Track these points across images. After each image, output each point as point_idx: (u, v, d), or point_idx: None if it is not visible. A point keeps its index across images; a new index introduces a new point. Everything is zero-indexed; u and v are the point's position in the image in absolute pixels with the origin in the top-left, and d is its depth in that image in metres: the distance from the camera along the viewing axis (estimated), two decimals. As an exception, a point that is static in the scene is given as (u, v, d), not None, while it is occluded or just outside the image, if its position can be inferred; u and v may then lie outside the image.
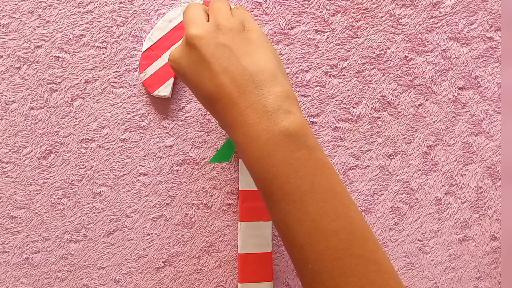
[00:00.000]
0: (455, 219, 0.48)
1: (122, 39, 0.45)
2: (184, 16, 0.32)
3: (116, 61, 0.45)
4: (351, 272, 0.27)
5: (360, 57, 0.47)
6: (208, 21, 0.31)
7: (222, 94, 0.29)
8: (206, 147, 0.46)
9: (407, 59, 0.47)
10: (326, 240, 0.27)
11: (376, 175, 0.48)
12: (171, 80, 0.44)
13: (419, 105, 0.47)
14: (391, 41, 0.47)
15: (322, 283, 0.27)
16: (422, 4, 0.47)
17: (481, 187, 0.48)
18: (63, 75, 0.45)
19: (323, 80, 0.47)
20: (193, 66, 0.30)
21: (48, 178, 0.45)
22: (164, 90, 0.44)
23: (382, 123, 0.47)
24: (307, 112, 0.46)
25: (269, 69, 0.30)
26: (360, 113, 0.47)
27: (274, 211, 0.29)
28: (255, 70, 0.29)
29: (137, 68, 0.45)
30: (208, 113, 0.46)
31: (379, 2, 0.46)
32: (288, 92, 0.29)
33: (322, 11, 0.46)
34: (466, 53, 0.47)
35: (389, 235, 0.48)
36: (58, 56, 0.45)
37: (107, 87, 0.45)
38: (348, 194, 0.29)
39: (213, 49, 0.30)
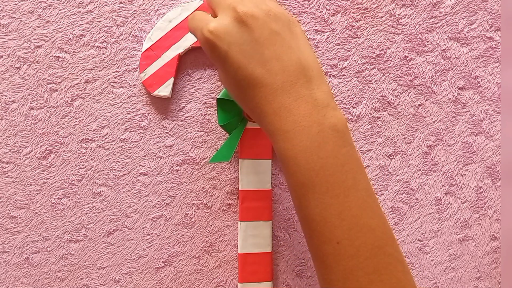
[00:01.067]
0: (455, 219, 0.48)
1: (122, 39, 0.45)
2: None
3: (116, 61, 0.45)
4: (384, 270, 0.27)
5: (360, 57, 0.47)
6: None
7: (271, 80, 0.29)
8: (206, 147, 0.46)
9: (407, 59, 0.47)
10: (364, 236, 0.27)
11: (376, 175, 0.48)
12: (171, 80, 0.44)
13: (419, 105, 0.47)
14: (391, 41, 0.47)
15: (354, 280, 0.27)
16: (422, 4, 0.47)
17: (481, 187, 0.48)
18: (63, 75, 0.45)
19: (323, 80, 0.47)
20: (243, 46, 0.29)
21: (48, 178, 0.45)
22: (164, 90, 0.44)
23: (382, 123, 0.47)
24: (307, 112, 0.46)
25: (317, 67, 0.30)
26: (360, 113, 0.47)
27: (312, 204, 0.28)
28: (306, 65, 0.29)
29: (137, 68, 0.45)
30: (208, 113, 0.46)
31: (379, 2, 0.46)
32: (331, 93, 0.30)
33: (322, 11, 0.46)
34: (466, 53, 0.47)
35: (389, 235, 0.48)
36: (58, 56, 0.45)
37: (107, 87, 0.45)
38: (377, 197, 0.30)
39: (267, 33, 0.29)
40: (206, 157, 0.46)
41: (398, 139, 0.47)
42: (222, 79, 0.31)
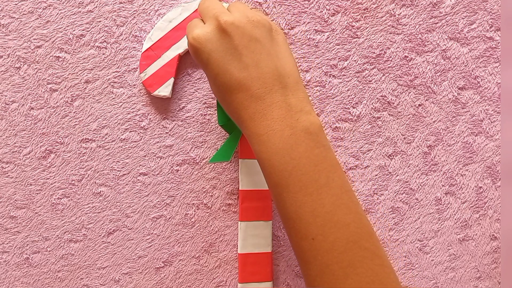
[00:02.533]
0: (455, 219, 0.48)
1: (122, 39, 0.45)
2: (205, 5, 0.33)
3: (116, 61, 0.45)
4: (359, 263, 0.28)
5: (360, 57, 0.47)
6: None
7: (248, 86, 0.30)
8: (206, 147, 0.46)
9: (407, 59, 0.47)
10: (338, 232, 0.28)
11: (376, 175, 0.48)
12: (171, 80, 0.44)
13: (419, 105, 0.47)
14: (391, 41, 0.47)
15: (331, 274, 0.28)
16: (422, 4, 0.47)
17: (481, 187, 0.48)
18: (63, 75, 0.45)
19: (323, 80, 0.47)
20: (222, 53, 0.30)
21: (48, 178, 0.45)
22: (164, 90, 0.44)
23: (382, 123, 0.47)
24: (307, 112, 0.46)
25: (294, 75, 0.32)
26: (360, 113, 0.47)
27: (287, 203, 0.30)
28: (283, 73, 0.31)
29: (137, 68, 0.45)
30: (208, 113, 0.46)
31: (379, 2, 0.46)
32: (308, 98, 0.32)
33: (322, 11, 0.46)
34: (466, 53, 0.47)
35: (389, 235, 0.48)
36: (58, 56, 0.45)
37: (107, 87, 0.45)
38: (355, 194, 0.31)
39: (247, 41, 0.30)
40: (206, 157, 0.46)
41: (398, 139, 0.47)
42: (210, 85, 0.33)
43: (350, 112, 0.47)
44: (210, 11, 0.32)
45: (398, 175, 0.48)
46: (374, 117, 0.47)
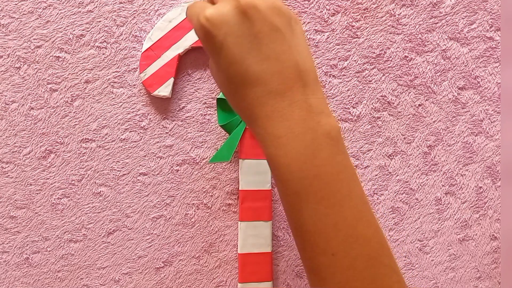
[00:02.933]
0: (455, 219, 0.48)
1: (122, 39, 0.45)
2: None
3: (116, 61, 0.45)
4: (380, 281, 0.26)
5: (360, 57, 0.47)
6: None
7: (266, 81, 0.27)
8: (206, 147, 0.46)
9: (407, 59, 0.47)
10: (360, 247, 0.26)
11: (376, 175, 0.48)
12: (171, 80, 0.44)
13: (419, 105, 0.47)
14: (391, 41, 0.47)
15: None
16: (422, 4, 0.47)
17: (481, 187, 0.48)
18: (63, 75, 0.45)
19: (323, 80, 0.47)
20: (240, 38, 0.26)
21: (48, 178, 0.45)
22: (164, 90, 0.44)
23: (382, 123, 0.47)
24: (307, 112, 0.46)
25: (314, 71, 0.29)
26: (360, 113, 0.47)
27: (306, 215, 0.27)
28: (303, 69, 0.28)
29: (137, 68, 0.45)
30: (208, 113, 0.46)
31: (379, 2, 0.46)
32: (326, 100, 0.29)
33: (322, 11, 0.46)
34: (466, 53, 0.47)
35: (389, 235, 0.48)
36: (58, 56, 0.45)
37: (107, 87, 0.45)
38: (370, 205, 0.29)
39: (268, 28, 0.27)
40: (206, 157, 0.46)
41: (398, 139, 0.47)
42: (214, 72, 0.29)
43: (350, 112, 0.47)
44: None
45: (398, 175, 0.48)
46: (374, 117, 0.47)
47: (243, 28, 0.26)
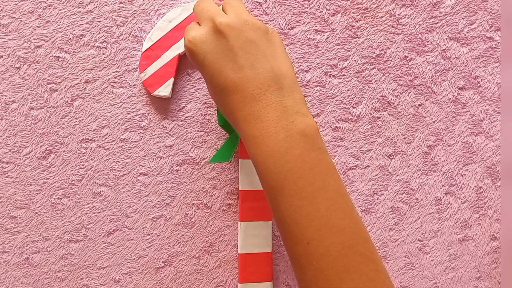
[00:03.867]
0: (455, 219, 0.48)
1: (122, 39, 0.45)
2: (200, 7, 0.33)
3: (116, 61, 0.45)
4: (354, 269, 0.27)
5: (360, 57, 0.47)
6: None
7: (243, 87, 0.30)
8: (206, 147, 0.46)
9: (407, 59, 0.47)
10: (333, 236, 0.28)
11: (376, 175, 0.48)
12: (171, 80, 0.44)
13: (419, 105, 0.47)
14: (391, 41, 0.47)
15: (325, 279, 0.28)
16: (422, 4, 0.47)
17: (481, 187, 0.48)
18: (63, 75, 0.45)
19: (323, 80, 0.47)
20: (217, 54, 0.30)
21: (48, 178, 0.45)
22: (164, 90, 0.44)
23: (382, 123, 0.47)
24: (307, 112, 0.46)
25: (290, 75, 0.31)
26: (360, 113, 0.47)
27: (282, 207, 0.29)
28: (278, 73, 0.31)
29: (137, 68, 0.45)
30: (208, 113, 0.46)
31: (379, 2, 0.46)
32: (304, 100, 0.31)
33: (322, 11, 0.46)
34: (466, 53, 0.47)
35: (389, 235, 0.48)
36: (58, 56, 0.45)
37: (107, 87, 0.45)
38: (350, 198, 0.31)
39: (242, 42, 0.30)
40: (206, 157, 0.46)
41: (398, 139, 0.47)
42: (205, 80, 0.33)
43: (350, 112, 0.47)
44: (205, 12, 0.32)
45: (398, 175, 0.48)
46: (374, 117, 0.47)
47: (219, 45, 0.30)
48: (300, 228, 0.28)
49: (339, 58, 0.47)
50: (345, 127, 0.47)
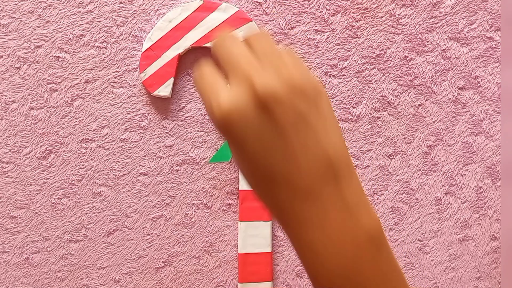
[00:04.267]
0: (455, 219, 0.48)
1: (122, 39, 0.45)
2: (228, 51, 0.25)
3: (116, 61, 0.45)
4: None
5: (360, 57, 0.47)
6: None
7: (295, 181, 0.23)
8: (206, 147, 0.46)
9: (407, 59, 0.47)
10: None
11: (376, 175, 0.48)
12: (171, 80, 0.44)
13: (419, 105, 0.47)
14: (391, 41, 0.47)
15: None
16: (422, 4, 0.47)
17: (481, 187, 0.48)
18: (63, 75, 0.45)
19: (323, 80, 0.47)
20: (262, 135, 0.23)
21: (48, 178, 0.45)
22: (164, 90, 0.44)
23: (382, 123, 0.47)
24: (307, 112, 0.46)
25: (345, 156, 0.25)
26: (360, 113, 0.47)
27: None
28: (334, 158, 0.24)
29: (137, 68, 0.45)
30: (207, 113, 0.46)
31: (379, 2, 0.46)
32: (361, 186, 0.25)
33: (322, 11, 0.46)
34: (466, 53, 0.47)
35: (389, 235, 0.48)
36: (58, 56, 0.45)
37: (107, 87, 0.45)
38: None
39: (292, 119, 0.23)
40: (206, 157, 0.46)
41: (398, 139, 0.47)
42: (238, 164, 0.26)
43: (350, 112, 0.47)
44: (239, 66, 0.24)
45: (398, 175, 0.48)
46: (374, 117, 0.47)
47: (264, 123, 0.23)
48: None
49: (339, 58, 0.46)
50: (345, 127, 0.47)
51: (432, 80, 0.47)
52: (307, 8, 0.46)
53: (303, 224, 0.24)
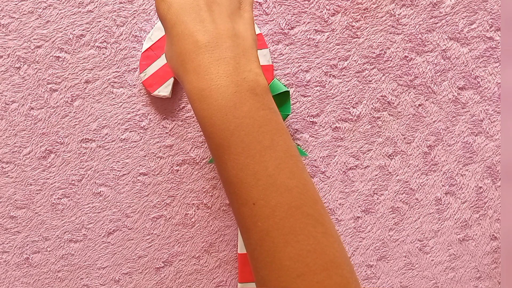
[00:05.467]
0: (455, 219, 0.48)
1: (122, 39, 0.45)
2: None
3: (116, 61, 0.45)
4: (301, 230, 0.27)
5: (360, 57, 0.47)
6: None
7: (199, 38, 0.29)
8: (206, 147, 0.46)
9: (407, 59, 0.47)
10: (280, 196, 0.27)
11: (376, 175, 0.48)
12: (171, 80, 0.44)
13: (419, 105, 0.47)
14: (391, 41, 0.47)
15: (270, 241, 0.27)
16: (422, 4, 0.47)
17: (481, 187, 0.48)
18: (63, 75, 0.45)
19: (323, 80, 0.47)
20: (183, 5, 0.30)
21: (48, 178, 0.45)
22: (164, 90, 0.44)
23: (382, 123, 0.47)
24: (307, 112, 0.46)
25: (250, 41, 0.31)
26: (360, 113, 0.47)
27: (229, 166, 0.28)
28: (238, 34, 0.30)
29: (137, 68, 0.45)
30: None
31: (379, 2, 0.46)
32: (259, 63, 0.31)
33: (322, 11, 0.46)
34: (466, 53, 0.47)
35: (389, 235, 0.48)
36: (58, 56, 0.45)
37: (107, 87, 0.45)
38: (302, 160, 0.30)
39: (211, 1, 0.30)
40: (206, 157, 0.46)
41: (398, 139, 0.48)
42: (166, 42, 0.32)
43: (350, 112, 0.47)
44: None
45: (398, 175, 0.48)
46: (374, 117, 0.47)
47: (189, 2, 0.30)
48: (246, 188, 0.28)
49: (339, 58, 0.47)
50: (345, 127, 0.47)
51: (432, 80, 0.47)
52: (307, 8, 0.46)
53: (197, 71, 0.29)
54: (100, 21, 0.45)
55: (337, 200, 0.47)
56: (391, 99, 0.47)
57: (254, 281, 0.28)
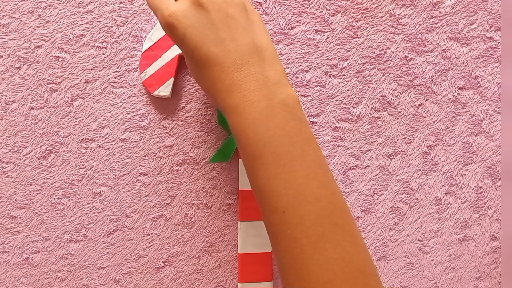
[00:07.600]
0: (455, 219, 0.48)
1: (122, 39, 0.45)
2: None
3: (116, 61, 0.45)
4: (329, 238, 0.27)
5: (360, 57, 0.47)
6: None
7: (224, 59, 0.30)
8: (206, 147, 0.46)
9: (407, 59, 0.47)
10: (309, 205, 0.28)
11: (376, 175, 0.48)
12: (171, 80, 0.44)
13: (419, 105, 0.47)
14: (391, 41, 0.47)
15: (299, 248, 0.27)
16: (422, 4, 0.47)
17: (481, 187, 0.48)
18: (63, 75, 0.45)
19: (323, 80, 0.47)
20: (199, 27, 0.31)
21: (48, 178, 0.45)
22: (164, 90, 0.44)
23: (382, 123, 0.47)
24: (307, 112, 0.46)
25: (271, 48, 0.32)
26: (360, 113, 0.47)
27: (260, 175, 0.29)
28: (259, 46, 0.31)
29: (137, 68, 0.45)
30: (208, 113, 0.46)
31: (379, 2, 0.46)
32: (284, 72, 0.32)
33: (322, 11, 0.46)
34: (466, 53, 0.47)
35: (389, 235, 0.48)
36: (58, 56, 0.45)
37: (107, 87, 0.45)
38: (330, 170, 0.31)
39: (223, 16, 0.31)
40: (206, 157, 0.46)
41: (398, 139, 0.47)
42: (186, 62, 0.33)
43: (350, 112, 0.47)
44: None
45: (398, 175, 0.48)
46: (374, 117, 0.47)
47: (201, 18, 0.31)
48: (276, 196, 0.29)
49: (339, 58, 0.47)
50: (345, 127, 0.47)
51: (432, 80, 0.47)
52: (307, 8, 0.46)
53: (229, 90, 0.30)
54: (100, 21, 0.45)
55: (337, 200, 0.47)
56: (391, 99, 0.47)
57: (282, 286, 0.29)
